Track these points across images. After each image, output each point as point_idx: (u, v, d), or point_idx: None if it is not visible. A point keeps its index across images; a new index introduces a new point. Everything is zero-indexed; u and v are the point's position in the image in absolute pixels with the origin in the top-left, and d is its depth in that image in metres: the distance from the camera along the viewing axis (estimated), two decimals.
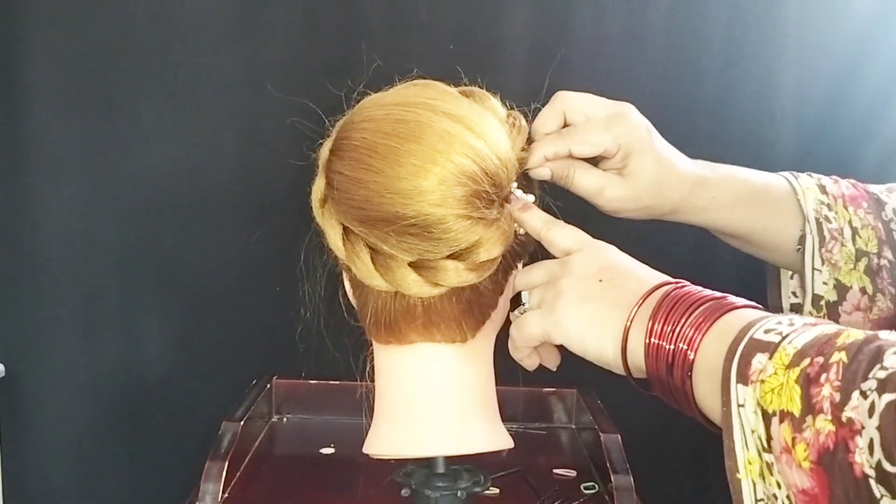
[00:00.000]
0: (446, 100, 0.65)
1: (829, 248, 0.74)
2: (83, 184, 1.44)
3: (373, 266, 0.64)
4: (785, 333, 0.49)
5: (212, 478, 1.06)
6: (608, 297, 0.59)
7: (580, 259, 0.61)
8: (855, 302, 0.75)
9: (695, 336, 0.54)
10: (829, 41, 1.41)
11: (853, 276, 0.74)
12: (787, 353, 0.47)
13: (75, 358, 1.48)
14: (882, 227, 0.75)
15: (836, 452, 0.42)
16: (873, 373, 0.42)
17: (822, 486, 0.43)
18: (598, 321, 0.58)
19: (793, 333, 0.48)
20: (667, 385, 0.56)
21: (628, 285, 0.59)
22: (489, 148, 0.63)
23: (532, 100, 0.72)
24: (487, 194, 0.63)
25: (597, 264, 0.61)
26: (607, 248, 0.63)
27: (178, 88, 1.43)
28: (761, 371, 0.48)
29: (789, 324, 0.50)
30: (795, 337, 0.48)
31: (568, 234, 0.65)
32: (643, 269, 0.62)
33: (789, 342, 0.48)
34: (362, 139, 0.63)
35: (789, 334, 0.48)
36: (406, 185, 0.61)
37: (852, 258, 0.74)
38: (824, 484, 0.43)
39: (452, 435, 0.70)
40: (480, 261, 0.64)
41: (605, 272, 0.60)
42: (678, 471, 1.56)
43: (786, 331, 0.49)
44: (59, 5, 1.39)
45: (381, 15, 1.41)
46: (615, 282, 0.59)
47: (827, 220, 0.74)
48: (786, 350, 0.47)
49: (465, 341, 0.69)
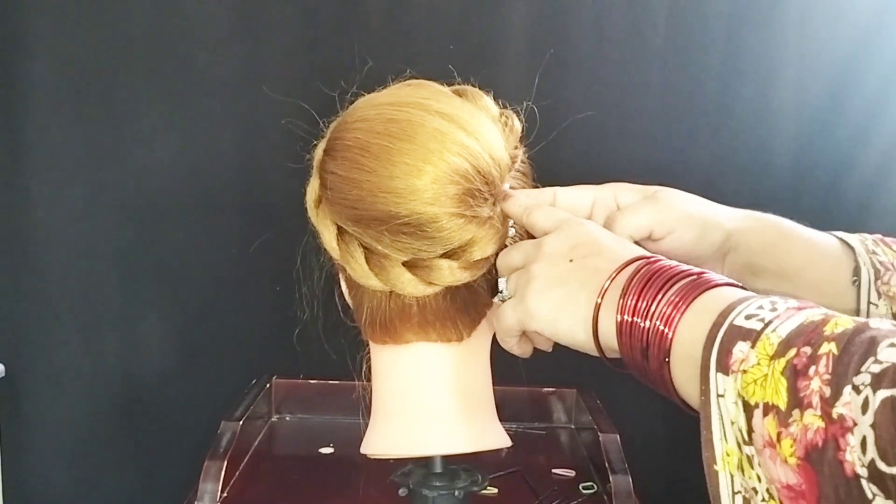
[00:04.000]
0: (439, 99, 0.65)
1: (886, 279, 0.70)
2: (83, 184, 1.44)
3: (367, 266, 0.64)
4: (768, 320, 0.46)
5: (210, 477, 1.06)
6: (578, 277, 0.56)
7: (553, 239, 0.59)
8: None
9: (672, 314, 0.51)
10: (829, 41, 1.41)
11: None
12: (772, 342, 0.45)
13: (75, 358, 1.48)
14: None
15: (826, 450, 0.41)
16: (866, 366, 0.40)
17: (809, 483, 0.42)
18: (568, 304, 0.56)
19: (776, 320, 0.46)
20: (643, 369, 0.54)
21: (599, 263, 0.56)
22: (482, 146, 0.63)
23: (528, 98, 0.72)
24: (480, 193, 0.63)
25: (569, 243, 0.58)
26: (583, 224, 0.61)
27: (178, 88, 1.43)
28: (743, 360, 0.46)
29: (771, 308, 0.47)
30: (780, 324, 0.46)
31: (546, 214, 0.62)
32: (618, 243, 0.59)
33: (773, 330, 0.46)
34: (355, 139, 0.64)
35: (772, 321, 0.46)
36: (399, 184, 0.61)
37: None
38: (812, 481, 0.42)
39: (449, 434, 0.70)
40: (474, 259, 0.64)
41: (577, 250, 0.58)
42: (677, 471, 1.56)
43: (768, 317, 0.47)
44: (59, 5, 1.39)
45: (377, 15, 1.41)
46: (586, 260, 0.57)
47: (875, 254, 0.71)
48: (769, 339, 0.45)
49: (460, 340, 0.69)
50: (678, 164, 1.46)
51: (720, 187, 1.41)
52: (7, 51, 1.39)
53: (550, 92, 0.78)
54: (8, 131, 1.42)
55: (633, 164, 1.47)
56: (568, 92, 1.35)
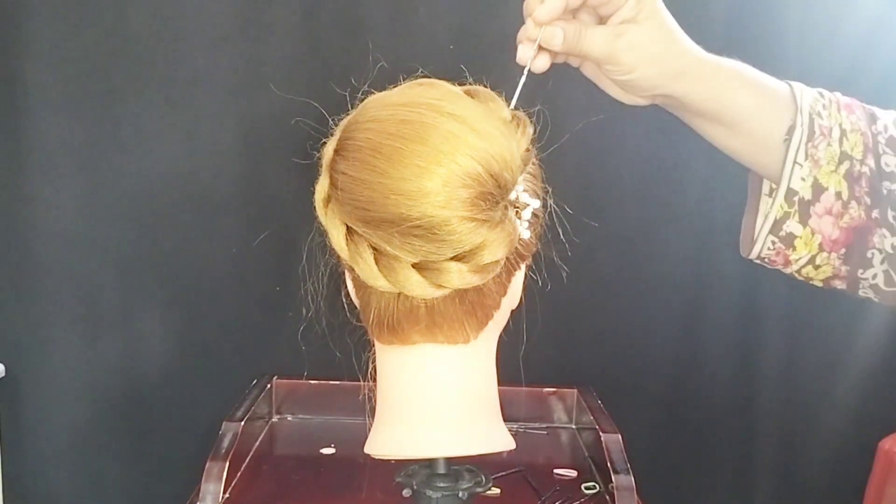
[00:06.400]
0: (451, 100, 0.65)
1: (816, 143, 0.73)
2: (83, 184, 1.44)
3: (376, 267, 0.64)
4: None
5: (212, 478, 1.06)
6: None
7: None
8: (828, 205, 0.73)
9: None
10: (830, 41, 1.41)
11: (832, 178, 0.73)
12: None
13: (75, 358, 1.48)
14: (871, 136, 0.74)
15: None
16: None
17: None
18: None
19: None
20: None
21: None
22: (494, 149, 0.63)
23: (537, 100, 0.72)
24: (492, 196, 0.63)
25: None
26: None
27: (178, 88, 1.43)
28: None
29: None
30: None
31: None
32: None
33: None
34: (367, 139, 0.63)
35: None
36: (410, 186, 0.61)
37: (835, 159, 0.73)
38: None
39: (454, 436, 0.70)
40: (484, 263, 0.63)
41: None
42: (678, 471, 1.56)
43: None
44: (59, 5, 1.39)
45: (382, 14, 1.41)
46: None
47: (819, 116, 0.73)
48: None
49: (467, 342, 0.69)
50: (678, 165, 1.46)
51: (720, 188, 1.41)
52: (7, 51, 1.39)
53: (553, 91, 0.78)
54: (8, 131, 1.41)
55: (633, 164, 1.48)
56: (571, 93, 1.35)
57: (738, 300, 1.54)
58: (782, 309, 1.54)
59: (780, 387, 1.57)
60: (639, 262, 1.51)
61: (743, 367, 1.56)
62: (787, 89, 0.75)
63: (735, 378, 1.56)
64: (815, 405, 1.57)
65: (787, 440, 1.59)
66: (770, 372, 1.56)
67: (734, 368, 1.56)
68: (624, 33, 0.70)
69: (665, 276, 1.52)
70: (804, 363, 1.56)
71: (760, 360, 1.56)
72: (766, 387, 1.57)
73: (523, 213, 0.66)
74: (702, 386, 1.55)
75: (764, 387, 1.57)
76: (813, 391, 1.57)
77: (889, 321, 1.51)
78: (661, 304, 1.53)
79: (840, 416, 1.56)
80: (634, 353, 1.52)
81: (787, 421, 1.58)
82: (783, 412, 1.58)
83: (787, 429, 1.59)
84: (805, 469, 1.59)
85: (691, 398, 1.55)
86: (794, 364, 1.56)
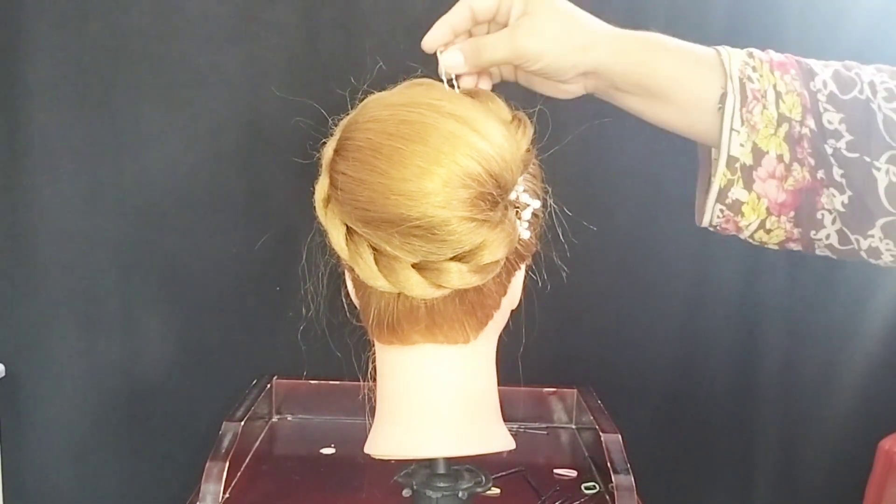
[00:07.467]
0: (451, 100, 0.65)
1: (750, 108, 0.71)
2: (83, 184, 1.44)
3: (376, 267, 0.64)
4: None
5: (212, 478, 1.06)
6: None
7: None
8: (770, 169, 0.72)
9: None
10: (830, 41, 1.41)
11: (772, 141, 0.72)
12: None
13: (75, 358, 1.48)
14: (808, 96, 0.72)
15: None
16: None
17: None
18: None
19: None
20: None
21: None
22: (494, 149, 0.63)
23: (536, 100, 0.72)
24: (492, 196, 0.63)
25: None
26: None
27: (178, 88, 1.43)
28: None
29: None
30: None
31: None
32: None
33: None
34: (367, 139, 0.63)
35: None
36: (410, 186, 0.61)
37: (773, 123, 0.71)
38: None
39: (454, 436, 0.70)
40: (484, 263, 0.63)
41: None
42: (678, 471, 1.56)
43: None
44: (59, 5, 1.39)
45: (382, 14, 1.41)
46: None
47: (750, 80, 0.72)
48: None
49: (467, 342, 0.69)
50: (678, 166, 1.46)
51: None
52: (7, 51, 1.39)
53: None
54: (8, 131, 1.42)
55: (633, 164, 1.47)
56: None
57: (738, 300, 1.54)
58: (782, 309, 1.54)
59: (779, 387, 1.57)
60: (639, 262, 1.51)
61: (743, 367, 1.56)
62: (714, 54, 0.74)
63: (735, 378, 1.56)
64: (815, 405, 1.57)
65: (787, 440, 1.59)
66: (770, 372, 1.57)
67: (734, 369, 1.56)
68: (520, 26, 0.70)
69: (665, 277, 1.52)
70: (804, 363, 1.56)
71: (760, 360, 1.56)
72: (765, 387, 1.57)
73: (523, 213, 0.66)
74: (702, 386, 1.55)
75: (764, 387, 1.57)
76: (813, 391, 1.57)
77: (889, 321, 1.51)
78: (660, 304, 1.53)
79: (840, 416, 1.56)
80: (634, 353, 1.52)
81: (787, 421, 1.58)
82: (783, 412, 1.58)
83: (787, 429, 1.59)
84: (805, 469, 1.59)
85: (691, 398, 1.55)
86: (794, 364, 1.56)
